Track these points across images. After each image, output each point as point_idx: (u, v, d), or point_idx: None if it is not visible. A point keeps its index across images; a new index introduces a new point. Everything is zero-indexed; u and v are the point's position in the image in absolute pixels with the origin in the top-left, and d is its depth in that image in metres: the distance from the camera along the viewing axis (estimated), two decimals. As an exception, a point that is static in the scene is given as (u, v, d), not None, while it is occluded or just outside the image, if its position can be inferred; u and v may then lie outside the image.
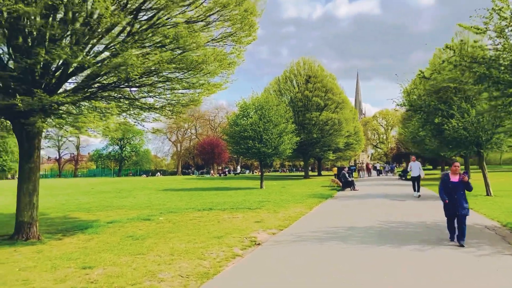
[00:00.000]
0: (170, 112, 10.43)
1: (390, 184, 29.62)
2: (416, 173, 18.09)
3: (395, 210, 12.93)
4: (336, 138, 43.05)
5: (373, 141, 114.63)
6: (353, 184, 23.06)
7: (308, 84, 42.73)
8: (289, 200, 16.64)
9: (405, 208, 13.50)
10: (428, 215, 11.62)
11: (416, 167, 18.16)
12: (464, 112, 16.38)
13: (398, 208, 13.67)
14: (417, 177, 18.10)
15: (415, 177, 18.17)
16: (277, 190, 23.44)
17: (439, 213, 12.00)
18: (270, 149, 24.57)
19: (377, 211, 12.87)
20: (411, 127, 27.56)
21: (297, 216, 11.89)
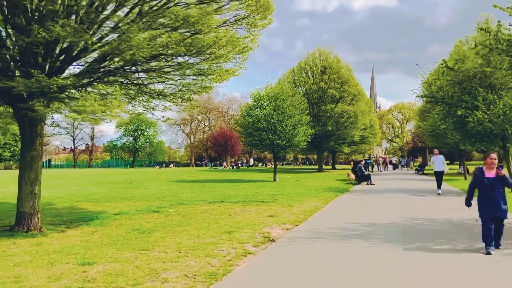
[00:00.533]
0: (180, 100, 9.84)
1: (407, 178, 28.75)
2: (440, 168, 16.53)
3: (416, 206, 12.23)
4: (352, 131, 42.20)
5: (388, 135, 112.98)
6: (369, 178, 22.32)
7: (324, 75, 41.85)
8: (303, 194, 16.04)
9: (426, 204, 12.78)
10: (452, 212, 10.90)
11: (440, 162, 16.61)
12: (490, 103, 15.47)
13: (419, 203, 12.96)
14: (441, 173, 16.52)
15: (438, 172, 16.56)
16: (290, 183, 22.85)
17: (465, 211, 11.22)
18: (284, 141, 23.95)
19: (397, 206, 12.19)
20: (430, 120, 26.62)
21: (313, 211, 11.29)
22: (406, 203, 13.02)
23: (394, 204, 12.90)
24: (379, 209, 11.69)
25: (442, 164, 16.61)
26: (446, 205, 12.56)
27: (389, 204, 12.79)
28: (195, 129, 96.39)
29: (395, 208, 11.71)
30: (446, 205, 12.56)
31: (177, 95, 10.13)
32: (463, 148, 24.73)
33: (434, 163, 16.87)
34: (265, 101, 24.90)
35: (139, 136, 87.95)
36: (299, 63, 43.84)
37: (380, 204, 12.88)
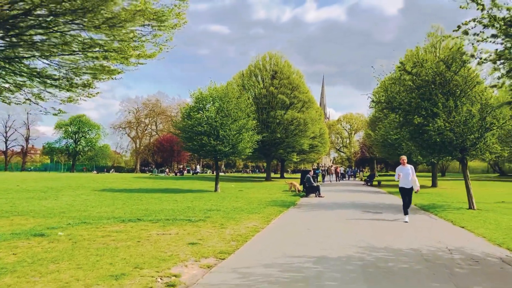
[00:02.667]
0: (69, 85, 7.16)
1: (357, 190, 27.32)
2: (408, 184, 11.83)
3: (374, 229, 10.25)
4: (301, 139, 40.65)
5: (336, 145, 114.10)
6: (318, 190, 20.44)
7: (274, 80, 40.11)
8: (243, 209, 13.69)
9: (384, 226, 10.85)
10: (415, 236, 9.00)
11: (408, 174, 11.76)
12: (451, 110, 14.05)
13: (376, 225, 11.01)
14: (409, 190, 11.88)
15: (406, 189, 11.91)
16: (233, 195, 20.46)
17: (429, 233, 9.51)
18: (227, 147, 21.58)
19: (351, 229, 10.14)
20: (382, 129, 25.40)
21: (249, 235, 8.93)
22: (361, 224, 11.03)
23: (347, 225, 10.85)
24: (330, 233, 9.56)
25: (411, 179, 11.79)
26: (405, 226, 10.70)
27: (341, 226, 10.71)
28: (141, 133, 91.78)
29: (350, 232, 9.63)
30: (405, 226, 10.70)
31: (69, 78, 7.44)
32: (415, 160, 23.58)
33: (401, 176, 11.90)
34: (208, 102, 22.42)
35: (80, 139, 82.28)
36: (249, 66, 41.87)
37: (331, 226, 10.78)
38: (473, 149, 14.70)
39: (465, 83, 14.50)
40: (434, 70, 14.82)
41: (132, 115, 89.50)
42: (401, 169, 11.97)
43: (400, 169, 12.00)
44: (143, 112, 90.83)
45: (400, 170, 11.97)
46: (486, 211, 14.02)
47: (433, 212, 13.96)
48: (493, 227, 10.46)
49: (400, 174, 11.91)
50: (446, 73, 14.72)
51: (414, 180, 11.79)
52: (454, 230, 10.09)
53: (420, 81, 15.12)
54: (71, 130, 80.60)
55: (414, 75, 15.32)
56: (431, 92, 14.76)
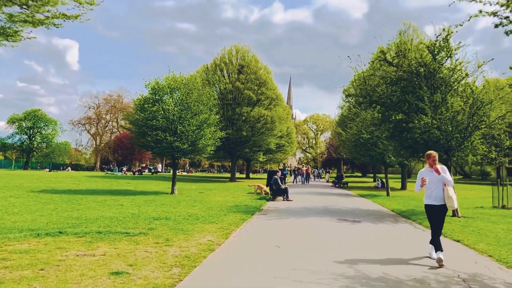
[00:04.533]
0: None
1: (325, 192, 25.66)
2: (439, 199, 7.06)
3: (358, 246, 8.35)
4: (268, 137, 38.74)
5: (302, 145, 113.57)
6: (286, 192, 18.51)
7: (241, 75, 37.99)
8: (199, 217, 11.49)
9: (368, 239, 8.99)
10: (411, 256, 7.17)
11: (439, 182, 7.07)
12: (438, 106, 12.44)
13: (358, 239, 9.13)
14: (441, 210, 7.09)
15: (436, 208, 7.09)
16: (190, 198, 18.18)
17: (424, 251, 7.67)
18: (186, 144, 19.26)
19: (331, 245, 8.18)
20: (354, 128, 23.83)
21: (200, 256, 6.78)
22: (340, 237, 9.11)
23: (325, 240, 8.88)
24: (305, 252, 7.54)
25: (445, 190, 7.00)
26: (390, 239, 8.88)
27: (318, 241, 8.74)
28: (101, 129, 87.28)
29: (330, 251, 7.66)
30: (390, 239, 8.88)
31: None
32: (388, 161, 22.12)
33: (427, 186, 7.05)
34: (165, 93, 20.00)
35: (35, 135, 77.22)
36: (214, 59, 39.49)
37: (305, 241, 8.79)
38: (459, 149, 13.16)
39: (452, 75, 12.95)
40: (418, 61, 13.20)
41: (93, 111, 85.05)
42: (428, 173, 7.12)
43: (426, 173, 7.13)
44: (104, 108, 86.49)
45: (426, 175, 7.06)
46: (472, 219, 12.51)
47: (415, 220, 12.32)
48: (493, 240, 8.82)
49: (426, 180, 6.88)
50: (431, 65, 13.12)
51: (449, 195, 6.91)
52: (451, 246, 8.34)
53: (402, 72, 13.48)
54: (26, 125, 75.73)
55: (395, 66, 13.66)
56: (414, 85, 13.12)
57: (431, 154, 7.33)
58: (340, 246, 8.01)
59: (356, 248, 7.85)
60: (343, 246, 7.96)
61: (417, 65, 13.21)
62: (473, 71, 12.72)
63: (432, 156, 7.30)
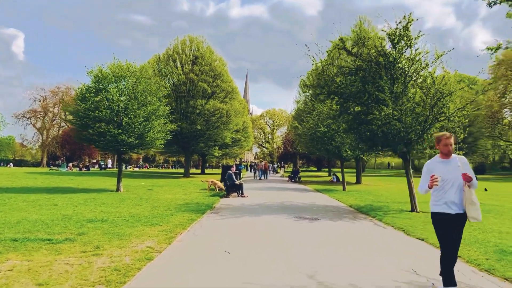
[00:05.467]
0: None
1: (281, 188, 24.96)
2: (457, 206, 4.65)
3: (317, 246, 7.50)
4: (223, 131, 37.55)
5: (259, 140, 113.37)
6: (241, 188, 17.53)
7: (195, 66, 36.47)
8: (141, 218, 10.24)
9: (329, 240, 8.17)
10: (377, 260, 6.40)
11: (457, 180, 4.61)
12: (399, 96, 11.90)
13: (318, 239, 8.30)
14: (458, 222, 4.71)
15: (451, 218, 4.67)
16: (137, 196, 16.78)
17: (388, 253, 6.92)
18: (133, 138, 17.76)
19: (285, 249, 7.25)
20: (311, 121, 23.23)
21: (133, 269, 5.63)
22: (300, 239, 8.23)
23: (279, 243, 7.95)
24: (259, 260, 6.57)
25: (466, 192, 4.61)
26: (355, 239, 8.12)
27: (274, 245, 7.79)
28: (48, 123, 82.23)
29: (288, 256, 6.74)
30: (355, 239, 8.12)
31: None
32: (345, 155, 21.70)
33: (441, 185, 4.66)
34: (110, 82, 18.33)
35: (-27, 129, 71.44)
36: (166, 50, 37.61)
37: (259, 245, 7.82)
38: (418, 142, 12.72)
39: (412, 65, 12.45)
40: (378, 50, 12.60)
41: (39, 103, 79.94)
42: (440, 167, 4.75)
43: (437, 167, 4.76)
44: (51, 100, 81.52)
45: (438, 169, 4.72)
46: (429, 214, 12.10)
47: (375, 216, 11.74)
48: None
49: (438, 179, 4.59)
50: (390, 54, 12.57)
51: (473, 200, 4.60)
52: (416, 246, 7.70)
53: (361, 61, 12.84)
54: (-40, 118, 69.77)
55: (354, 55, 13.00)
56: (374, 76, 12.51)
57: (444, 135, 4.62)
58: (299, 250, 7.11)
59: (317, 252, 6.98)
60: (302, 251, 7.06)
61: (377, 54, 12.62)
62: (433, 62, 12.30)
63: (445, 139, 4.59)
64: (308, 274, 5.50)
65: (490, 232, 9.03)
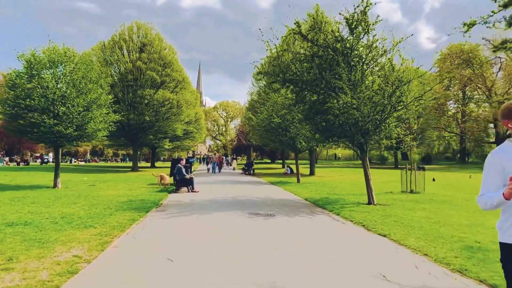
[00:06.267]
0: None
1: (235, 181, 24.13)
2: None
3: (273, 248, 6.70)
4: (174, 123, 36.01)
5: (212, 132, 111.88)
6: (191, 183, 16.47)
7: (142, 54, 34.57)
8: (74, 218, 8.98)
9: (287, 239, 7.41)
10: (338, 262, 5.70)
11: None
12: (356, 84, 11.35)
13: (275, 238, 7.51)
14: None
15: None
16: (76, 192, 15.26)
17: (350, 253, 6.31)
18: (71, 129, 16.12)
19: (238, 252, 6.41)
20: (265, 112, 22.48)
21: (49, 286, 4.54)
22: (254, 242, 7.40)
23: (232, 246, 7.08)
24: (204, 269, 5.66)
25: None
26: (315, 237, 7.41)
27: (223, 249, 6.90)
28: (-16, 115, 76.01)
29: (239, 267, 5.88)
30: (315, 237, 7.41)
31: None
32: (299, 147, 21.17)
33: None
34: (45, 67, 16.51)
35: None
36: (112, 36, 35.31)
37: (208, 249, 6.90)
38: (376, 132, 12.28)
39: (370, 52, 11.95)
40: (335, 35, 11.97)
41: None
42: None
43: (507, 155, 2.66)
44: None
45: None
46: (388, 207, 11.76)
47: (332, 210, 11.19)
48: (420, 233, 7.80)
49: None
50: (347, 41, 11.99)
51: None
52: (380, 243, 7.12)
53: (317, 48, 12.17)
54: None
55: (310, 40, 12.30)
56: (331, 63, 11.89)
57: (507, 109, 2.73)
58: (254, 255, 6.26)
59: (275, 255, 6.17)
60: (258, 256, 6.22)
61: (334, 40, 11.99)
62: (390, 48, 11.85)
63: None
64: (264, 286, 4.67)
65: (451, 225, 8.69)
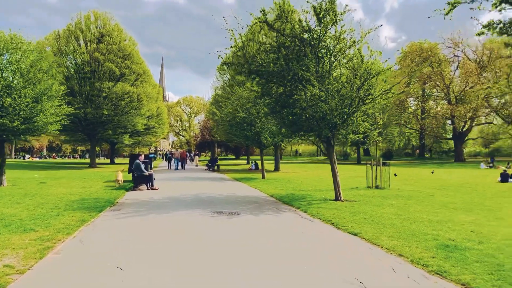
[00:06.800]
0: None
1: (198, 177, 23.33)
2: None
3: (238, 252, 6.10)
4: (134, 118, 34.59)
5: (175, 128, 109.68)
6: (151, 180, 15.57)
7: (100, 44, 32.89)
8: (14, 220, 7.99)
9: (253, 240, 6.82)
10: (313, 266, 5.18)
11: None
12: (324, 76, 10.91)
13: (239, 239, 6.91)
14: None
15: None
16: (23, 190, 14.03)
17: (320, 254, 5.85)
18: (17, 122, 14.78)
19: (198, 259, 5.75)
20: (230, 106, 21.79)
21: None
22: (216, 245, 6.75)
23: (190, 251, 6.41)
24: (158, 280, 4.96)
25: None
26: (283, 238, 6.86)
27: (180, 256, 6.22)
28: None
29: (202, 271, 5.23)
30: (283, 238, 6.86)
31: None
32: (265, 142, 20.65)
33: None
34: (-13, 55, 15.03)
35: None
36: (67, 25, 33.32)
37: (160, 260, 6.20)
38: (343, 126, 11.90)
39: (338, 43, 11.53)
40: (302, 25, 11.47)
41: None
42: None
43: None
44: None
45: None
46: (356, 203, 11.42)
47: (299, 207, 10.73)
48: (393, 232, 7.42)
49: None
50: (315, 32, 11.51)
51: None
52: (352, 244, 6.67)
53: (284, 38, 11.62)
54: None
55: (277, 30, 11.74)
56: (299, 53, 11.38)
57: None
58: (215, 261, 5.62)
59: (239, 258, 5.56)
60: (219, 262, 5.59)
61: (301, 30, 11.49)
62: (359, 40, 11.48)
63: None
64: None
65: (421, 222, 8.40)
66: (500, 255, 5.70)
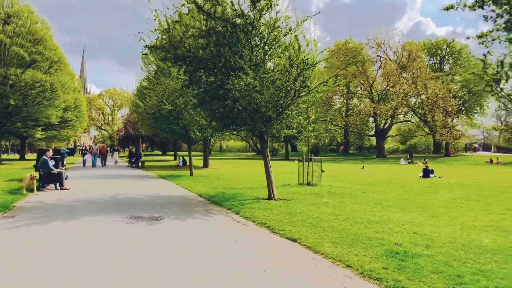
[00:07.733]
0: None
1: (118, 175, 21.42)
2: None
3: (163, 271, 4.94)
4: (48, 109, 31.20)
5: (97, 122, 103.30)
6: (60, 178, 13.61)
7: (7, 26, 29.09)
8: None
9: (176, 256, 5.69)
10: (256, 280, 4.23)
11: None
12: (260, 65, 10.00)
13: (158, 254, 5.74)
14: None
15: None
16: None
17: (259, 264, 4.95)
18: None
19: (105, 283, 4.51)
20: (154, 97, 20.12)
21: None
22: (130, 264, 5.52)
23: (97, 270, 5.13)
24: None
25: None
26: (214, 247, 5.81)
27: (84, 278, 4.92)
28: None
29: None
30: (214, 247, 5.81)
31: None
32: (193, 137, 19.35)
33: None
34: None
35: None
36: (-35, 2, 29.10)
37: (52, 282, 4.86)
38: (277, 120, 11.11)
39: (272, 31, 10.68)
40: (235, 9, 10.45)
41: None
42: None
43: None
44: None
45: None
46: (291, 202, 10.73)
47: (230, 208, 9.78)
48: (335, 237, 6.69)
49: None
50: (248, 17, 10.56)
51: None
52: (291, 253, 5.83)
53: (214, 22, 10.53)
54: None
55: (207, 13, 10.59)
56: (231, 40, 10.34)
57: None
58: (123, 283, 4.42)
59: (155, 281, 4.40)
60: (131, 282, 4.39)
61: (234, 14, 10.46)
62: (295, 28, 10.73)
63: None
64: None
65: (361, 223, 7.82)
66: (454, 262, 5.17)
